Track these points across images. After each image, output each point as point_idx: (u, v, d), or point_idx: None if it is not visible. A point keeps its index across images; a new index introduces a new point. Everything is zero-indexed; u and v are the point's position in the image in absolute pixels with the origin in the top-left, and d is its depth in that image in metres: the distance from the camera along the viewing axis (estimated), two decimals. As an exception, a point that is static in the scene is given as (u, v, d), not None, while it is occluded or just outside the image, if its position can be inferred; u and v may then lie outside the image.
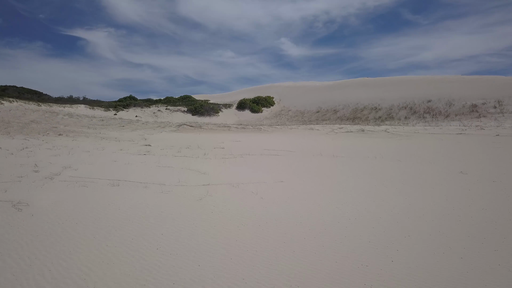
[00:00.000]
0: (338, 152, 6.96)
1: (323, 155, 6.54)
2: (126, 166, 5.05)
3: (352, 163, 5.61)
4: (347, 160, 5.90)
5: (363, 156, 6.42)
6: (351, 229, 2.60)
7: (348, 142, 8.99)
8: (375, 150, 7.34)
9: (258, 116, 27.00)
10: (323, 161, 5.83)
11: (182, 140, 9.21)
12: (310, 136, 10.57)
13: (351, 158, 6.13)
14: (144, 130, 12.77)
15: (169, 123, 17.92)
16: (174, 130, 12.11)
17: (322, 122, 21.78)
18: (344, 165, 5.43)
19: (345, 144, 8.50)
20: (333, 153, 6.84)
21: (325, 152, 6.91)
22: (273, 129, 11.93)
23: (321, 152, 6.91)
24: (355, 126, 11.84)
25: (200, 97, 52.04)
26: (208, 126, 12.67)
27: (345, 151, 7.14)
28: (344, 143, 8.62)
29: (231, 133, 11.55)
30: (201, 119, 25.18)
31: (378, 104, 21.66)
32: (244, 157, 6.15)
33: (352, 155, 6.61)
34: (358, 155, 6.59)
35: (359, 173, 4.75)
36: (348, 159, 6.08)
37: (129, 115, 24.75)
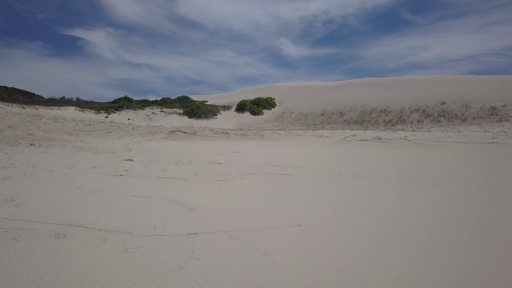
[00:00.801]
0: (359, 170, 5.81)
1: (342, 174, 5.40)
2: (90, 197, 3.89)
3: (382, 188, 4.46)
4: (375, 183, 4.75)
5: (392, 176, 5.28)
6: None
7: (366, 154, 7.85)
8: (403, 166, 6.20)
9: (259, 119, 25.85)
10: (345, 184, 4.68)
11: (172, 152, 8.07)
12: (320, 146, 9.44)
13: (379, 180, 4.99)
14: (132, 137, 11.62)
15: (162, 127, 16.78)
16: (166, 137, 10.97)
17: (327, 125, 20.65)
18: (375, 191, 4.27)
19: (364, 157, 7.36)
20: (353, 171, 5.70)
21: (344, 170, 5.76)
22: (277, 135, 10.80)
23: (339, 170, 5.76)
24: (369, 133, 10.70)
25: (198, 98, 51.09)
26: (204, 133, 11.53)
27: (367, 168, 5.99)
28: (363, 156, 7.49)
29: (230, 140, 10.41)
30: (197, 122, 24.04)
31: (387, 107, 20.53)
32: (245, 178, 5.00)
33: (377, 173, 5.47)
34: (384, 174, 5.44)
35: (399, 205, 3.60)
36: (374, 180, 4.93)
37: (121, 118, 23.59)
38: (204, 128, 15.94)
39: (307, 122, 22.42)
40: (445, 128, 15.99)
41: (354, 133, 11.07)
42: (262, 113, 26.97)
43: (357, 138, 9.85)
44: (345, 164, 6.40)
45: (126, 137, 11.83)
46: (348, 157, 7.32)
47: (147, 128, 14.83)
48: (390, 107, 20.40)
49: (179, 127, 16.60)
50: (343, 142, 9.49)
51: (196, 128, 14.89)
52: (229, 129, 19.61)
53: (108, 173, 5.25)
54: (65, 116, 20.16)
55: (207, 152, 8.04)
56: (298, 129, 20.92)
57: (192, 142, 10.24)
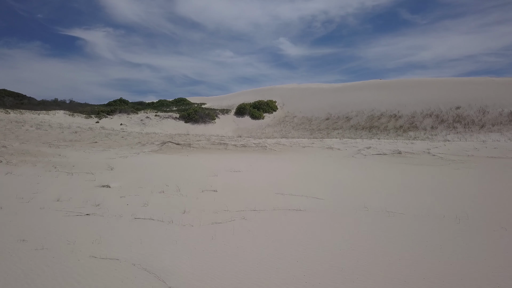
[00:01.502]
0: (388, 200, 4.75)
1: (369, 209, 4.33)
2: (32, 260, 2.81)
3: (427, 234, 3.39)
4: (415, 225, 3.68)
5: (433, 212, 4.21)
6: None
7: (389, 174, 6.79)
8: (440, 194, 5.13)
9: (259, 123, 24.80)
10: (378, 227, 3.61)
11: (161, 171, 7.00)
12: (333, 162, 8.39)
13: (418, 219, 3.92)
14: (119, 149, 10.55)
15: (155, 134, 15.71)
16: (156, 150, 9.90)
17: (333, 131, 19.61)
18: (420, 242, 3.19)
19: (387, 179, 6.30)
20: (382, 202, 4.63)
21: (369, 202, 4.69)
22: (281, 147, 9.75)
23: (364, 201, 4.69)
24: (385, 144, 9.66)
25: (196, 100, 50.15)
26: (200, 143, 10.46)
27: (397, 198, 4.93)
28: (386, 178, 6.42)
29: (229, 153, 9.35)
30: (194, 128, 22.98)
31: (397, 111, 19.49)
32: (247, 219, 3.92)
33: (412, 207, 4.41)
34: (421, 207, 4.38)
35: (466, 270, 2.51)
36: (413, 220, 3.86)
37: (113, 123, 22.53)
38: (200, 136, 14.88)
39: (311, 127, 21.38)
40: (462, 135, 14.96)
41: (369, 144, 10.03)
42: (262, 117, 25.94)
43: (373, 152, 8.79)
44: (369, 191, 5.33)
45: (113, 148, 10.74)
46: (369, 179, 6.24)
47: (138, 137, 13.76)
48: (400, 111, 19.37)
49: (173, 135, 15.59)
50: (358, 157, 8.43)
51: (191, 137, 13.82)
52: (228, 136, 18.55)
53: (72, 211, 4.17)
54: (52, 122, 19.08)
55: (201, 172, 6.96)
56: (302, 135, 19.87)
57: (185, 156, 9.17)
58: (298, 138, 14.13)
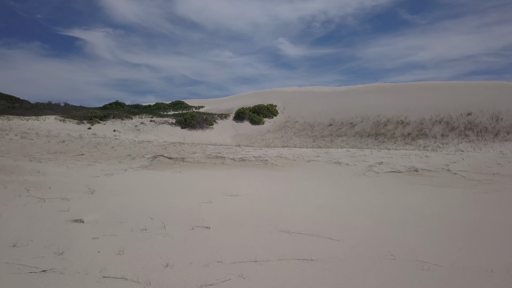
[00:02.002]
0: (417, 245, 3.96)
1: (396, 258, 3.55)
2: None
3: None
4: (456, 284, 2.89)
5: (476, 263, 3.42)
6: None
7: (411, 201, 6.00)
8: (475, 230, 4.35)
9: (259, 129, 24.03)
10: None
11: (146, 196, 6.20)
12: (344, 183, 7.62)
13: (459, 274, 3.13)
14: (107, 163, 9.75)
15: (149, 143, 14.92)
16: (146, 165, 9.11)
17: (337, 138, 18.84)
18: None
19: (410, 210, 5.51)
20: (410, 249, 3.84)
21: (395, 245, 3.90)
22: (283, 161, 9.00)
23: (389, 246, 3.90)
24: (399, 158, 8.90)
25: (194, 103, 49.46)
26: (195, 157, 9.68)
27: (427, 241, 4.14)
28: (409, 208, 5.64)
29: (226, 169, 8.57)
30: (191, 134, 22.20)
31: (404, 117, 18.72)
32: (246, 277, 3.13)
33: (449, 256, 3.62)
34: (462, 257, 3.59)
35: None
36: (452, 275, 3.08)
37: (106, 129, 21.73)
38: (196, 146, 14.10)
39: (313, 134, 20.60)
40: (476, 144, 14.19)
41: (379, 158, 9.26)
42: (262, 122, 25.16)
43: (386, 168, 8.01)
44: (392, 228, 4.53)
45: (99, 162, 9.94)
46: (389, 209, 5.45)
47: (129, 147, 12.96)
48: (408, 117, 18.60)
49: (166, 145, 14.84)
50: (370, 175, 7.65)
51: (186, 147, 13.04)
52: (226, 144, 17.75)
53: (26, 264, 3.37)
54: (40, 129, 18.27)
55: (193, 196, 6.16)
56: (304, 142, 19.10)
57: (177, 173, 8.39)
58: (301, 148, 13.39)
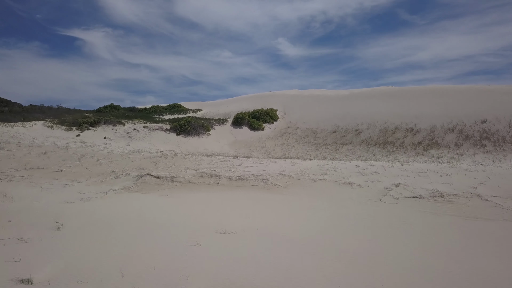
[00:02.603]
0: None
1: None
2: None
3: None
4: None
5: None
6: None
7: (443, 242, 5.00)
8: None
9: (259, 135, 23.04)
10: None
11: (123, 231, 5.18)
12: (359, 212, 6.65)
13: None
14: (86, 182, 8.74)
15: (138, 155, 13.90)
16: (130, 186, 8.10)
17: (342, 147, 17.86)
18: None
19: (447, 255, 4.50)
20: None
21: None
22: (287, 180, 8.07)
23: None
24: (417, 177, 7.95)
25: (192, 105, 48.63)
26: (186, 174, 8.71)
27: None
28: (444, 251, 4.64)
29: (221, 192, 7.59)
30: (186, 141, 21.20)
31: (414, 124, 17.76)
32: None
33: None
34: None
35: None
36: None
37: (95, 136, 20.72)
38: (189, 158, 13.11)
39: (316, 142, 19.62)
40: (494, 155, 13.22)
41: (396, 178, 8.30)
42: (262, 128, 24.18)
43: (406, 192, 7.03)
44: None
45: (78, 181, 8.93)
46: (421, 255, 4.44)
47: (116, 161, 11.95)
48: (418, 125, 17.64)
49: (157, 158, 13.87)
50: (388, 200, 6.66)
51: (178, 160, 12.06)
52: (223, 153, 16.75)
53: None
54: (24, 138, 17.25)
55: (178, 235, 5.15)
56: (307, 150, 18.11)
57: (165, 196, 7.39)
58: (305, 160, 12.43)
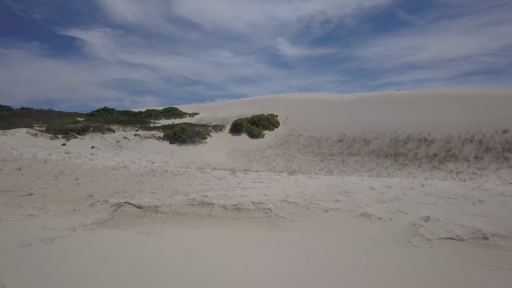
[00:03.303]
0: None
1: None
2: None
3: None
4: None
5: None
6: None
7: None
8: None
9: (259, 144, 21.84)
10: None
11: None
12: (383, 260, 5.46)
13: None
14: (55, 212, 7.52)
15: (125, 170, 12.70)
16: (106, 219, 6.89)
17: (349, 158, 16.65)
18: None
19: None
20: None
21: None
22: (293, 210, 6.94)
23: None
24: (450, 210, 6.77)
25: (188, 108, 47.50)
26: (172, 204, 7.51)
27: None
28: None
29: (213, 227, 6.41)
30: (181, 150, 19.98)
31: (427, 134, 16.58)
32: None
33: None
34: None
35: None
36: None
37: (82, 145, 19.50)
38: (181, 175, 11.91)
39: (321, 151, 18.43)
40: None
41: (421, 207, 7.14)
42: (262, 135, 22.98)
43: (439, 231, 5.84)
44: None
45: (46, 210, 7.70)
46: None
47: (97, 180, 10.73)
48: (432, 134, 16.46)
49: (145, 173, 12.71)
50: (419, 243, 5.46)
51: (167, 179, 10.86)
52: (221, 163, 15.52)
53: None
54: (1, 149, 16.02)
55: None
56: (311, 161, 16.90)
57: (145, 234, 6.18)
58: (311, 178, 11.23)
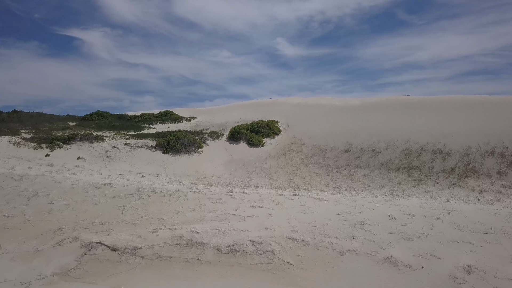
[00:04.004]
0: None
1: None
2: None
3: None
4: None
5: None
6: None
7: None
8: None
9: (259, 153, 20.66)
10: None
11: None
12: None
13: None
14: (14, 252, 6.33)
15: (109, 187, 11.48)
16: (70, 267, 5.70)
17: (357, 171, 15.47)
18: None
19: None
20: None
21: None
22: (300, 251, 5.87)
23: None
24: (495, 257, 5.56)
25: (185, 112, 46.38)
26: (155, 244, 6.34)
27: None
28: None
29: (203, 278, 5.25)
30: (175, 161, 18.79)
31: (443, 145, 15.42)
32: None
33: None
34: None
35: None
36: None
37: (67, 156, 18.31)
38: (170, 196, 10.69)
39: (326, 163, 17.26)
40: (553, 190, 10.83)
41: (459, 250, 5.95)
42: (262, 144, 21.80)
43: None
44: None
45: (2, 251, 6.52)
46: None
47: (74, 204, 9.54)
48: (447, 145, 15.30)
49: (130, 195, 11.48)
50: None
51: (154, 202, 9.66)
52: (218, 178, 14.32)
53: None
54: (-24, 162, 14.82)
55: None
56: (315, 174, 15.71)
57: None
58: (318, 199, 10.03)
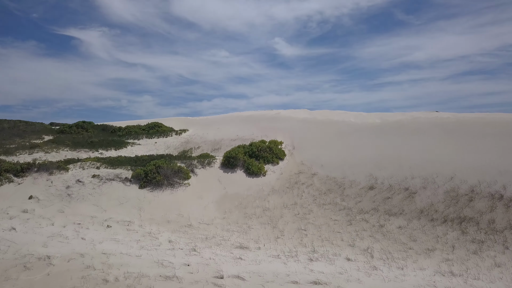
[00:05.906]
0: None
1: None
2: None
3: None
4: None
5: None
6: None
7: None
8: None
9: (259, 185, 17.44)
10: None
11: None
12: None
13: None
14: None
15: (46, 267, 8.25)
16: None
17: (388, 220, 12.27)
18: None
19: None
20: None
21: None
22: None
23: None
24: None
25: (176, 123, 42.90)
26: None
27: None
28: None
29: None
30: (154, 198, 15.56)
31: (502, 186, 12.29)
32: None
33: None
34: None
35: None
36: None
37: (16, 195, 15.03)
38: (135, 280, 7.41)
39: (345, 204, 14.11)
40: None
41: None
42: (264, 173, 18.58)
43: None
44: None
45: None
46: None
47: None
48: (508, 187, 12.14)
49: (79, 266, 8.12)
50: None
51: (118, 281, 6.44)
52: (206, 224, 11.03)
53: None
54: None
55: None
56: (333, 222, 12.52)
57: None
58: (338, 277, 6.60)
